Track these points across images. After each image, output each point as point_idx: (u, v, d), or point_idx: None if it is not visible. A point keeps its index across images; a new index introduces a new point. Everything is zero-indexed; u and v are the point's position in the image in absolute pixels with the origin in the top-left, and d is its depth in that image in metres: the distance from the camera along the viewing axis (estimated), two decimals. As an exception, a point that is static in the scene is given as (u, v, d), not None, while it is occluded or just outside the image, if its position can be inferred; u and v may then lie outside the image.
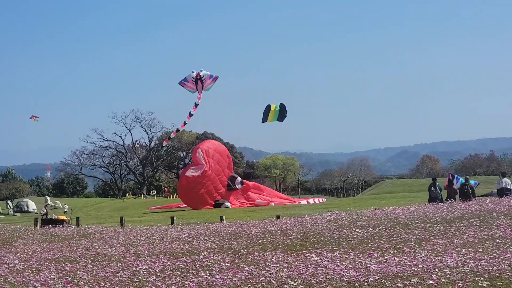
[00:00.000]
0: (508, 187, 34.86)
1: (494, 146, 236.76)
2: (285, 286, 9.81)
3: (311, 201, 68.49)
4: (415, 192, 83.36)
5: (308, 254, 13.96)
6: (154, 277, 12.01)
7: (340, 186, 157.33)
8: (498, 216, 20.27)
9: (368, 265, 11.25)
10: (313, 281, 10.10)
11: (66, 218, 35.92)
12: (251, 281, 10.62)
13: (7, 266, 15.29)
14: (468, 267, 10.57)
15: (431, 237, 16.54)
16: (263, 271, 11.46)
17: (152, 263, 14.23)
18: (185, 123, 69.12)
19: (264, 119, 59.40)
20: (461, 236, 16.22)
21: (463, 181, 39.26)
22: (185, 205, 69.16)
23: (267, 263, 12.95)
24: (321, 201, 67.97)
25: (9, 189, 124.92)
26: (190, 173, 61.95)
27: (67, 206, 75.69)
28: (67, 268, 14.25)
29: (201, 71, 63.40)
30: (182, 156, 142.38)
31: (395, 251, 14.52)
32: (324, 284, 9.76)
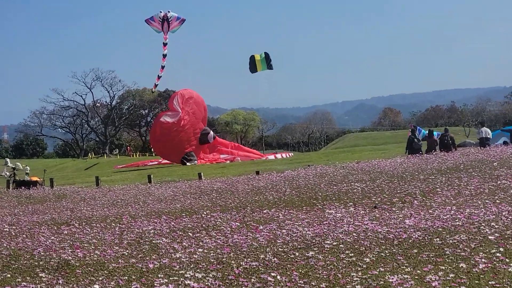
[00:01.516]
0: (488, 136, 34.63)
1: (450, 98, 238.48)
2: (324, 245, 9.07)
3: (278, 156, 68.00)
4: (382, 145, 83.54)
5: (327, 211, 13.31)
6: (164, 239, 11.28)
7: (302, 141, 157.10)
8: (498, 166, 19.79)
9: (403, 220, 10.63)
10: (348, 240, 9.44)
11: (39, 179, 34.88)
12: (278, 241, 9.90)
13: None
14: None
15: (437, 189, 16.00)
16: (284, 230, 10.81)
17: (155, 224, 13.53)
18: (163, 67, 67.69)
19: (253, 69, 58.78)
20: (468, 187, 15.70)
21: (426, 132, 39.00)
22: (152, 163, 68.51)
23: (281, 221, 12.34)
24: (288, 156, 67.60)
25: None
26: (165, 118, 60.81)
27: (28, 168, 74.16)
28: (66, 232, 13.48)
29: (168, 12, 62.46)
30: (144, 114, 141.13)
31: (404, 204, 14.00)
32: (366, 242, 9.06)
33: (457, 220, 10.12)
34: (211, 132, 64.10)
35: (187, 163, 58.24)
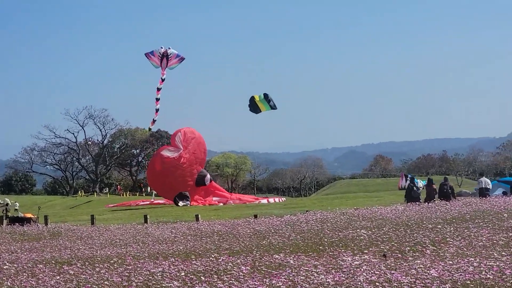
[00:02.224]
0: (488, 186, 34.53)
1: (439, 147, 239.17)
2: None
3: (271, 200, 67.58)
4: (374, 192, 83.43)
5: (342, 257, 12.95)
6: (176, 282, 10.91)
7: (293, 186, 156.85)
8: (507, 217, 19.53)
9: (428, 271, 10.30)
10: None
11: (33, 216, 34.44)
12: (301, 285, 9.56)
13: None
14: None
15: (447, 239, 15.69)
16: (301, 277, 10.46)
17: (163, 266, 13.15)
18: (157, 99, 67.41)
19: (255, 109, 58.68)
20: (479, 238, 15.40)
21: (417, 180, 38.89)
22: (144, 203, 68.00)
23: (293, 267, 11.99)
24: (281, 201, 67.25)
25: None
26: (166, 153, 60.41)
27: (17, 204, 73.31)
28: (70, 272, 13.07)
29: (169, 48, 62.62)
30: (135, 153, 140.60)
31: (416, 254, 13.67)
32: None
33: (483, 273, 9.79)
34: (208, 175, 63.84)
35: (180, 203, 57.82)
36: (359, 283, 9.49)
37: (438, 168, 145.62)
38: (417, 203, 30.33)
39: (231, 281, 10.68)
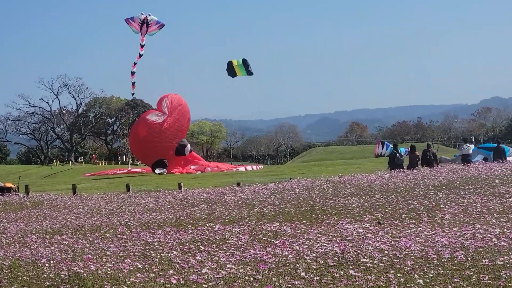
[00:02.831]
0: (470, 152, 34.51)
1: (413, 114, 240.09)
2: (366, 264, 8.53)
3: (248, 168, 67.35)
4: (352, 159, 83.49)
5: (341, 225, 12.77)
6: (175, 252, 10.66)
7: (268, 153, 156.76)
8: (500, 183, 19.45)
9: (433, 238, 10.14)
10: (384, 258, 8.89)
11: (13, 185, 33.98)
12: (307, 258, 9.32)
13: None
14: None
15: (441, 206, 15.58)
16: (304, 246, 10.25)
17: (158, 236, 12.91)
18: (135, 63, 66.82)
19: (233, 74, 58.44)
20: (473, 204, 15.32)
21: (392, 148, 38.88)
22: (121, 172, 67.57)
23: (292, 236, 11.81)
24: (258, 168, 67.05)
25: None
26: (152, 117, 59.79)
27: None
28: (65, 242, 12.81)
29: (149, 15, 62.23)
30: (110, 122, 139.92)
31: (412, 221, 13.52)
32: (408, 261, 8.53)
33: (494, 240, 9.65)
34: (188, 145, 63.40)
35: (156, 170, 57.62)
36: (368, 252, 9.29)
37: (413, 135, 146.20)
38: (401, 170, 30.17)
39: (231, 250, 10.46)
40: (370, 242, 10.17)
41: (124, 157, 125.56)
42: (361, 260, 8.73)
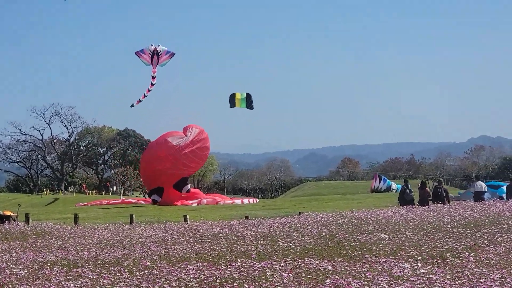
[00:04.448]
0: (484, 190, 33.80)
1: (401, 151, 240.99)
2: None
3: (245, 201, 66.55)
4: (348, 194, 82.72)
5: (389, 264, 11.85)
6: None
7: (259, 187, 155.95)
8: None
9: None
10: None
11: (12, 213, 32.98)
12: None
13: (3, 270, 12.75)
14: None
15: (480, 245, 14.75)
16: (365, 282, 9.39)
17: (188, 272, 11.93)
18: (145, 96, 65.78)
19: (232, 105, 58.02)
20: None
21: (390, 183, 38.21)
22: (115, 202, 66.65)
23: (342, 275, 10.92)
24: (255, 202, 66.34)
25: None
26: (173, 140, 58.84)
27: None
28: (90, 276, 11.83)
29: (158, 45, 61.40)
30: (101, 152, 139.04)
31: (458, 260, 12.64)
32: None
33: None
34: (189, 186, 62.61)
35: (152, 196, 57.42)
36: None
37: (406, 171, 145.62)
38: (413, 206, 29.41)
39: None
40: (436, 283, 9.30)
41: (115, 187, 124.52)
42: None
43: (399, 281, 9.81)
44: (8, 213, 33.34)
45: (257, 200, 75.11)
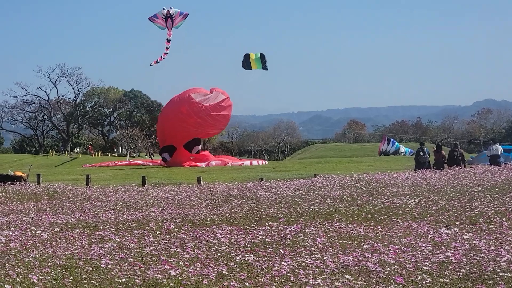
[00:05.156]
0: (499, 153, 33.33)
1: (405, 114, 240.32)
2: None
3: (254, 162, 66.16)
4: (355, 157, 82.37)
5: (424, 229, 11.44)
6: (252, 255, 9.33)
7: (265, 149, 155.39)
8: None
9: None
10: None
11: (23, 174, 32.68)
12: (424, 268, 8.04)
13: (22, 232, 12.37)
14: None
15: (510, 209, 14.35)
16: (408, 253, 9.00)
17: (217, 235, 11.51)
18: (161, 58, 65.28)
19: (248, 67, 57.40)
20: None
21: (399, 145, 37.82)
22: (122, 164, 66.42)
23: (377, 240, 10.53)
24: (264, 163, 66.01)
25: None
26: (196, 97, 58.50)
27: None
28: (116, 239, 11.45)
29: (170, 8, 60.86)
30: (108, 113, 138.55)
31: (491, 225, 12.22)
32: None
33: None
34: (200, 147, 62.44)
35: (161, 157, 57.63)
36: (503, 262, 8.01)
37: (412, 134, 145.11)
38: (428, 170, 28.99)
39: (317, 255, 9.16)
40: (485, 251, 8.89)
41: (121, 148, 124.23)
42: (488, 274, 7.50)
43: (443, 247, 9.41)
44: (19, 173, 33.08)
45: (266, 161, 74.76)
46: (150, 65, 61.27)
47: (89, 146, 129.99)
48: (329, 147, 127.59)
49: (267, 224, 12.93)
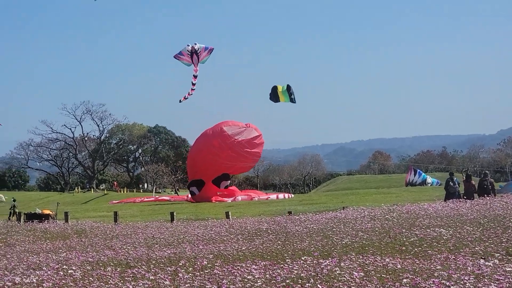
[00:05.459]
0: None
1: (430, 144, 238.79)
2: None
3: (280, 196, 65.91)
4: (383, 188, 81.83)
5: (463, 261, 11.20)
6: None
7: (290, 182, 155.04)
8: None
9: None
10: None
11: (51, 212, 32.73)
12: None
13: (53, 271, 12.25)
14: None
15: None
16: (451, 282, 8.79)
17: (255, 272, 11.33)
18: (189, 94, 65.38)
19: (276, 99, 57.36)
20: None
21: (426, 176, 37.50)
22: (148, 200, 66.37)
23: (416, 273, 10.30)
24: (290, 197, 65.76)
25: None
26: (229, 130, 58.68)
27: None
28: (150, 276, 11.30)
29: (195, 44, 60.78)
30: (132, 149, 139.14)
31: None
32: None
33: None
34: (228, 182, 62.59)
35: (189, 191, 57.72)
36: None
37: (438, 164, 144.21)
38: (459, 200, 28.61)
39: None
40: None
41: (146, 184, 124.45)
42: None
43: (485, 280, 9.19)
44: (47, 211, 33.18)
45: (292, 195, 74.50)
46: (180, 101, 61.21)
47: (115, 183, 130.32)
48: (354, 178, 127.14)
49: (300, 258, 12.74)
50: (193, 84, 60.66)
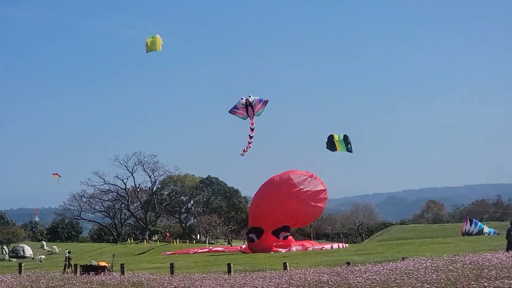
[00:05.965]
0: None
1: (482, 193, 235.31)
2: None
3: (334, 246, 65.39)
4: (437, 238, 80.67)
5: None
6: None
7: (343, 232, 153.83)
8: None
9: None
10: None
11: (107, 264, 32.66)
12: None
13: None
14: None
15: None
16: None
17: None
18: (248, 147, 65.43)
19: (332, 148, 57.21)
20: None
21: (482, 226, 36.65)
22: (202, 251, 66.20)
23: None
24: (344, 246, 65.23)
25: (4, 233, 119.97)
26: (296, 179, 58.63)
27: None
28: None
29: (249, 96, 60.68)
30: (184, 200, 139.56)
31: None
32: None
33: None
34: (288, 234, 62.38)
35: (248, 237, 57.38)
36: None
37: (492, 213, 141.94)
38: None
39: None
40: None
41: (199, 235, 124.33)
42: None
43: None
44: (103, 263, 33.11)
45: (346, 245, 73.82)
46: (241, 154, 61.13)
47: (167, 234, 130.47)
48: (408, 228, 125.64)
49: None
50: (250, 137, 60.45)
